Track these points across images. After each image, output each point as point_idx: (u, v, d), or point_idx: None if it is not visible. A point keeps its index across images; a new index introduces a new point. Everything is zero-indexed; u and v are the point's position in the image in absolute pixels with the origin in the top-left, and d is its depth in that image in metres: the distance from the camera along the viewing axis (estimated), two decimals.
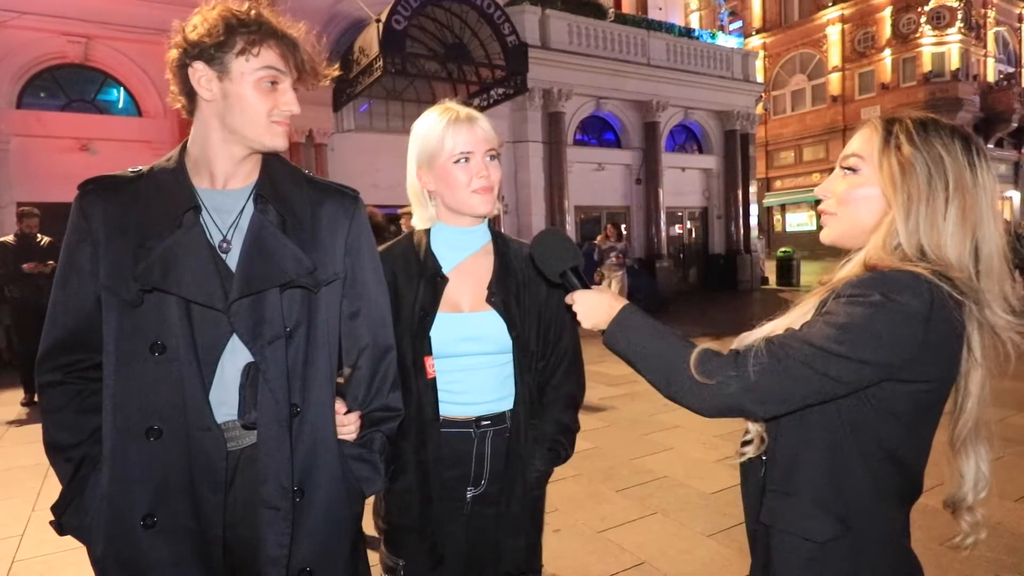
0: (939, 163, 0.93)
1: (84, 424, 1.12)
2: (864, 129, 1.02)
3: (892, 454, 0.95)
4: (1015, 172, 25.37)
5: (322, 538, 1.15)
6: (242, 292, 1.07)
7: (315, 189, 1.23)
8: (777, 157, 25.89)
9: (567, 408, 1.49)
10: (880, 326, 0.86)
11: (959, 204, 0.92)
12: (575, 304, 1.12)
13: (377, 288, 1.27)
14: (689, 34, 15.74)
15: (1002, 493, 3.39)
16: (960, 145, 0.95)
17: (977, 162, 0.94)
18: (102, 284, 1.07)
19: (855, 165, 1.01)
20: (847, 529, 0.95)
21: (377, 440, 1.24)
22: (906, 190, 0.94)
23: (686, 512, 3.30)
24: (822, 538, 0.95)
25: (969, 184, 0.93)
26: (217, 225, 1.13)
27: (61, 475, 1.12)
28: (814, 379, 0.88)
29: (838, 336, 0.87)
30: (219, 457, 1.08)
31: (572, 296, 1.14)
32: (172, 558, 1.06)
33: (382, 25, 8.68)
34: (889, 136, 0.97)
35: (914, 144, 0.94)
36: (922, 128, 0.96)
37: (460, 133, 1.36)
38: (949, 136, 0.95)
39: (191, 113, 1.15)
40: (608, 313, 1.07)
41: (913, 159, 0.94)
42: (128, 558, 1.07)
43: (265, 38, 1.08)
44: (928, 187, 0.93)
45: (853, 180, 1.01)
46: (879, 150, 0.97)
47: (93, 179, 1.12)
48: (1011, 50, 25.27)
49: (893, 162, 0.95)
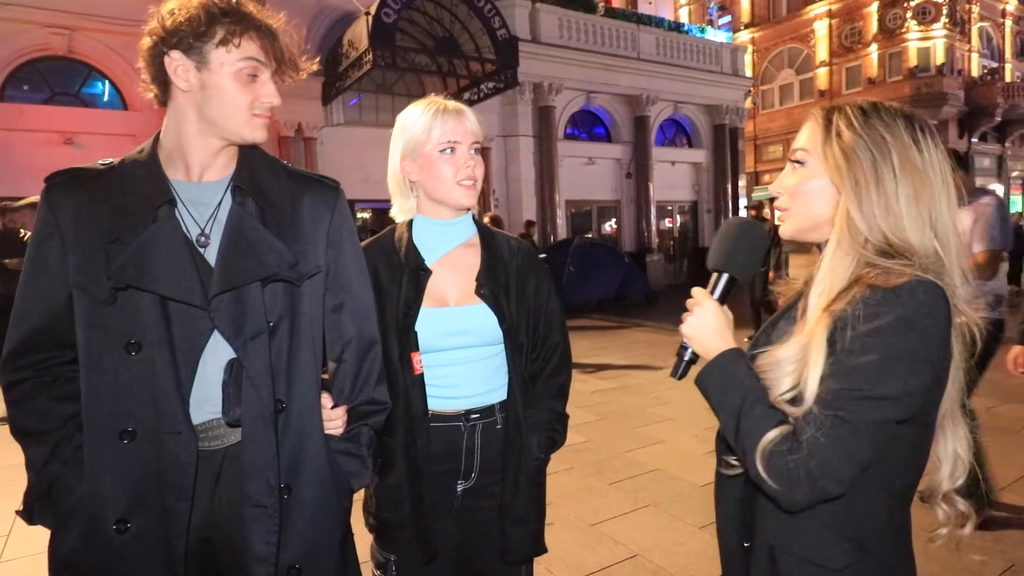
0: (882, 145, 0.91)
1: (57, 410, 1.08)
2: (807, 122, 1.00)
3: (904, 468, 0.92)
4: (999, 166, 25.67)
5: (310, 534, 1.13)
6: (222, 287, 1.04)
7: (295, 180, 1.19)
8: (765, 151, 26.01)
9: (559, 397, 1.50)
10: (912, 348, 0.84)
11: (909, 183, 0.90)
12: (696, 307, 1.02)
13: (360, 281, 1.25)
14: (678, 28, 15.76)
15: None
16: (903, 124, 0.93)
17: (922, 139, 0.92)
18: (73, 282, 1.03)
19: (801, 158, 1.00)
20: (865, 554, 0.91)
21: (364, 434, 1.22)
22: (852, 176, 0.92)
23: (678, 504, 3.32)
24: (839, 565, 0.91)
25: (917, 162, 0.91)
26: (194, 218, 1.10)
27: (33, 459, 1.07)
28: (879, 430, 0.85)
29: (881, 376, 0.83)
30: (188, 462, 1.04)
31: (702, 296, 1.03)
32: (142, 565, 1.03)
33: (371, 18, 8.61)
34: (829, 125, 0.95)
35: (854, 130, 0.93)
36: (862, 113, 0.94)
37: (448, 123, 1.35)
38: (891, 117, 0.93)
39: (164, 103, 1.11)
40: (716, 345, 0.98)
41: (855, 144, 0.92)
42: (100, 562, 1.04)
43: (247, 29, 1.05)
44: (874, 171, 0.91)
45: (802, 173, 1.00)
46: (821, 141, 0.96)
47: (60, 172, 1.07)
48: (995, 45, 25.51)
49: (836, 151, 0.93)
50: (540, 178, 12.96)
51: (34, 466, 1.08)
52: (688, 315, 1.03)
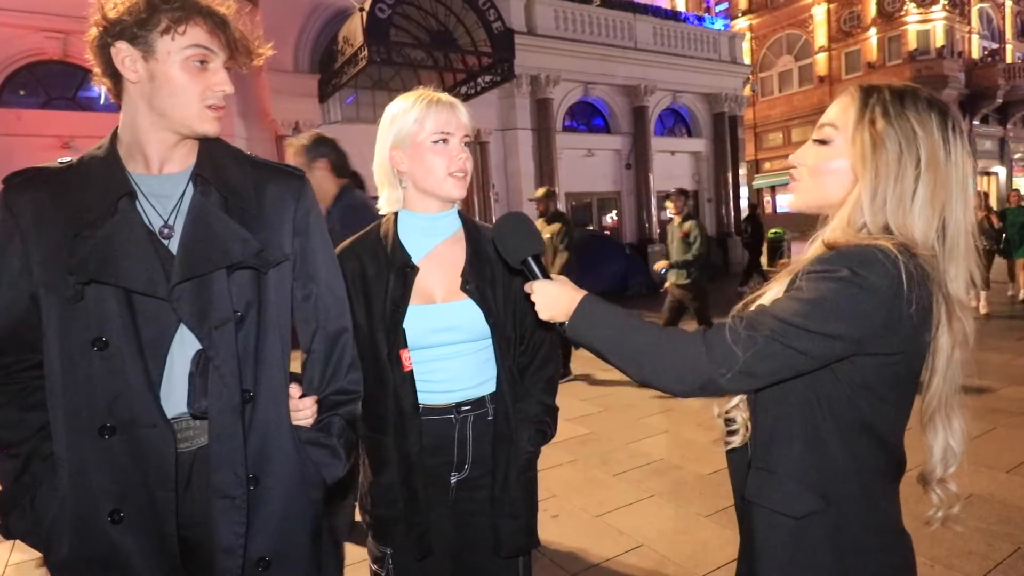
0: (911, 139, 0.91)
1: (28, 421, 1.07)
2: (843, 97, 1.00)
3: (869, 427, 0.95)
4: (1000, 148, 25.51)
5: (280, 526, 1.12)
6: (183, 276, 1.02)
7: (259, 169, 1.18)
8: (766, 139, 25.90)
9: (548, 390, 1.49)
10: (847, 300, 0.86)
11: (929, 182, 0.91)
12: (534, 294, 1.11)
13: (328, 269, 1.23)
14: (676, 17, 15.66)
15: (994, 465, 3.43)
16: (936, 120, 0.93)
17: (952, 138, 0.92)
18: (38, 281, 1.02)
19: (829, 136, 1.00)
20: (827, 504, 0.94)
21: (335, 424, 1.20)
22: (875, 166, 0.92)
23: (682, 494, 3.33)
24: (800, 513, 0.95)
25: (941, 161, 0.91)
26: (157, 211, 1.08)
27: (4, 473, 1.06)
28: (782, 353, 0.89)
29: (806, 311, 0.87)
30: (168, 453, 1.04)
31: (531, 285, 1.12)
32: (143, 549, 1.04)
33: (366, 14, 8.56)
34: (865, 108, 0.95)
35: (888, 118, 0.92)
36: (899, 100, 0.94)
37: (441, 114, 1.35)
38: (926, 110, 0.93)
39: (118, 96, 1.09)
40: (568, 305, 1.05)
41: (885, 135, 0.92)
42: (100, 555, 1.04)
43: (191, 15, 1.03)
44: (898, 164, 0.91)
45: (825, 152, 1.00)
46: (854, 122, 0.96)
47: (19, 171, 1.05)
48: (995, 26, 25.31)
49: (866, 137, 0.93)
50: (539, 171, 12.91)
51: (6, 478, 1.07)
52: (535, 302, 1.10)
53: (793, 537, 0.97)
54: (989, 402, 4.52)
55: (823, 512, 0.95)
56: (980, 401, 4.50)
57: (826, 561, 0.95)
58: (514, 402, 1.40)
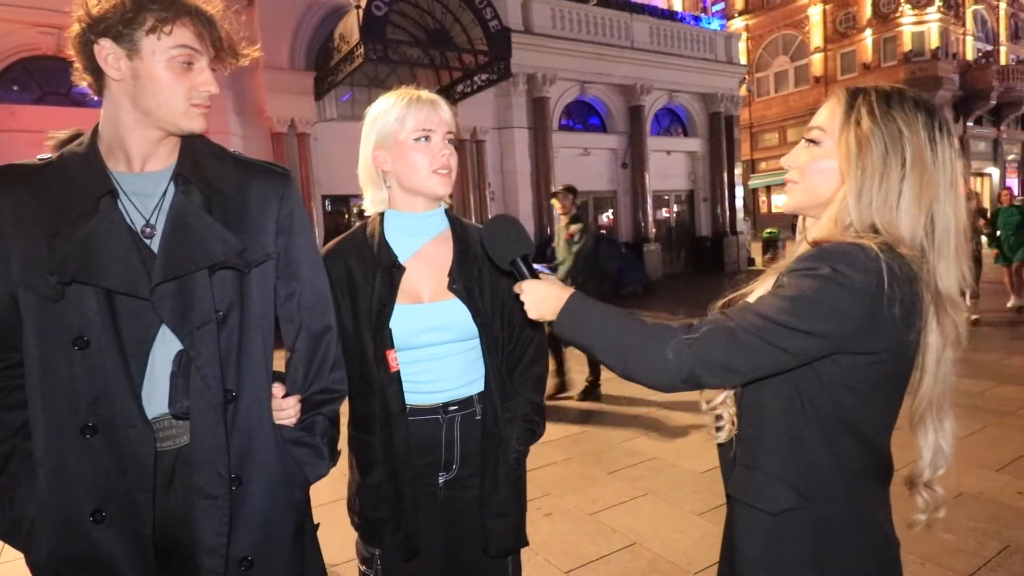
0: (897, 139, 0.92)
1: (8, 420, 1.06)
2: (830, 100, 1.01)
3: (850, 427, 0.95)
4: (994, 149, 25.66)
5: (262, 526, 1.11)
6: (165, 276, 1.01)
7: (242, 167, 1.16)
8: (762, 139, 25.98)
9: (537, 388, 1.49)
10: (828, 298, 0.87)
11: (914, 181, 0.92)
12: (523, 294, 1.12)
13: (312, 267, 1.22)
14: (672, 17, 15.67)
15: (984, 463, 3.46)
16: (923, 120, 0.93)
17: (938, 138, 0.93)
18: (17, 281, 1.00)
19: (817, 138, 1.01)
20: (806, 501, 0.95)
21: (319, 423, 1.20)
22: (860, 165, 0.93)
23: (676, 492, 3.34)
24: (776, 509, 0.96)
25: (928, 161, 0.92)
26: (139, 210, 1.07)
27: None
28: (763, 349, 0.89)
29: (787, 308, 0.88)
30: (147, 454, 1.03)
31: (520, 286, 1.13)
32: (125, 548, 1.03)
33: (362, 11, 8.54)
34: (851, 110, 0.96)
35: (874, 119, 0.93)
36: (885, 101, 0.95)
37: (422, 112, 1.35)
38: (913, 111, 0.94)
39: (100, 92, 1.07)
40: (556, 304, 1.07)
41: (871, 134, 0.93)
42: (81, 554, 1.03)
43: (178, 15, 1.01)
44: (883, 164, 0.92)
45: (815, 152, 1.02)
46: (840, 124, 0.97)
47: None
48: (989, 28, 25.44)
49: (851, 137, 0.94)
50: (536, 170, 12.91)
51: None
52: (524, 301, 1.12)
53: (770, 532, 0.98)
54: (979, 401, 4.55)
55: (801, 509, 0.95)
56: (970, 400, 4.52)
57: (802, 558, 0.96)
58: (503, 401, 1.39)
